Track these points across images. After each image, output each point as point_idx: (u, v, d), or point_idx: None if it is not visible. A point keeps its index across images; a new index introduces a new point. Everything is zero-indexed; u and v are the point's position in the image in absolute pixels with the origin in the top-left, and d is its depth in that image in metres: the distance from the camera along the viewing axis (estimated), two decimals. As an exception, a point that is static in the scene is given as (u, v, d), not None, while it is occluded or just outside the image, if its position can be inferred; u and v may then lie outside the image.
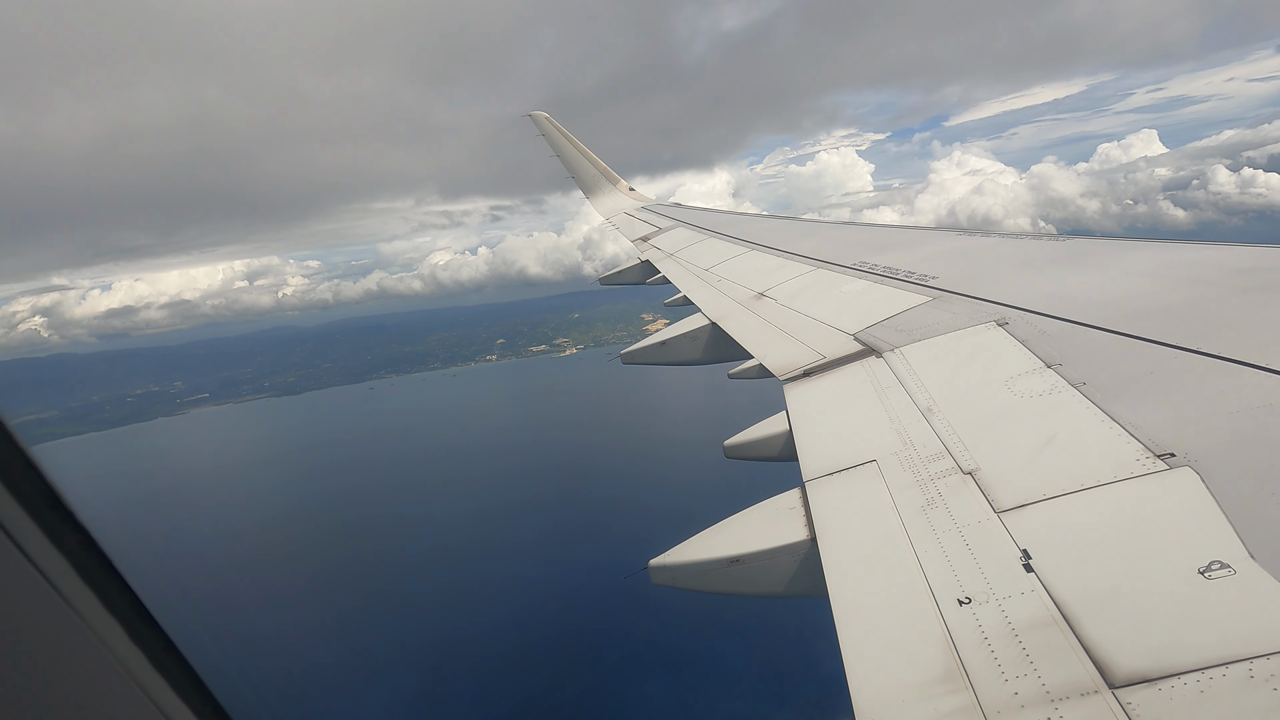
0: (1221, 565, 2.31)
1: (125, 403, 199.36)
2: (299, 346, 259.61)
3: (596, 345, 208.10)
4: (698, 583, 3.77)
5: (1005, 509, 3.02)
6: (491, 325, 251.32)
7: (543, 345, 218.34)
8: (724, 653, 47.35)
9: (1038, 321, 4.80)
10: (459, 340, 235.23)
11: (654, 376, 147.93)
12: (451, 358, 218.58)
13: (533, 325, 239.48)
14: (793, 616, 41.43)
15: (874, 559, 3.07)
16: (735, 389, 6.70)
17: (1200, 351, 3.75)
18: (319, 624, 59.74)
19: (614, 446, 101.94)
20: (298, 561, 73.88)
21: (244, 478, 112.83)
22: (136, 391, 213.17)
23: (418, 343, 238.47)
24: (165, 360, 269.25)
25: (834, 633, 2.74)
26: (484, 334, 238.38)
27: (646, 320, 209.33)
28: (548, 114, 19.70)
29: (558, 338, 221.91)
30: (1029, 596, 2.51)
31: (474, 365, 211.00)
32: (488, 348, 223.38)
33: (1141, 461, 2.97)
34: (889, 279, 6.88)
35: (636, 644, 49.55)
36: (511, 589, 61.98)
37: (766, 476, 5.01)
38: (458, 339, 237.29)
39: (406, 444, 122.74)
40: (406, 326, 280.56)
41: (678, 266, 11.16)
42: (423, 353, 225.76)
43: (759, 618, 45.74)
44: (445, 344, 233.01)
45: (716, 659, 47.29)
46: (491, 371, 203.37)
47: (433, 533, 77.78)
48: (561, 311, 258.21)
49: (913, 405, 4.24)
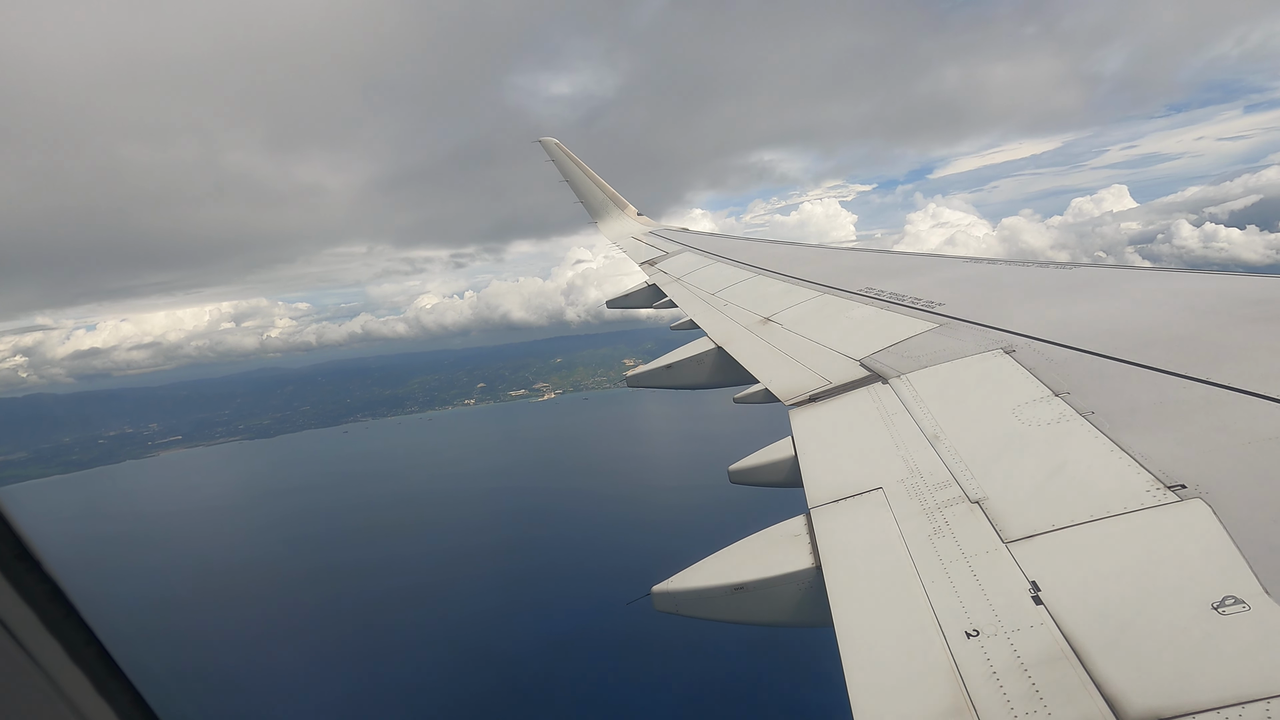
0: (1236, 601, 2.26)
1: (97, 444, 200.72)
2: (280, 389, 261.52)
3: (575, 390, 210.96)
4: (701, 610, 3.71)
5: (1014, 539, 2.97)
6: (474, 369, 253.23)
7: (522, 390, 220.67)
8: (727, 682, 46.66)
9: (1045, 349, 4.77)
10: (440, 384, 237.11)
11: (637, 416, 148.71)
12: (430, 401, 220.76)
13: (514, 369, 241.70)
14: (797, 646, 40.84)
15: (880, 588, 3.02)
16: (740, 414, 6.67)
17: (1210, 382, 3.71)
18: (279, 665, 59.60)
19: (606, 483, 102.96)
20: (251, 608, 73.78)
21: (200, 522, 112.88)
22: (110, 433, 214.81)
23: (399, 386, 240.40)
24: (144, 401, 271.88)
25: (839, 662, 2.69)
26: (465, 378, 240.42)
27: (628, 365, 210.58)
28: (557, 140, 19.94)
29: (537, 382, 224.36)
30: (1038, 630, 2.46)
31: (451, 409, 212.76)
32: (467, 391, 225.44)
33: (1152, 493, 2.93)
34: (896, 305, 6.87)
35: (638, 673, 48.90)
36: (492, 624, 62.05)
37: (771, 502, 4.97)
38: (439, 383, 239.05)
39: (370, 489, 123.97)
40: (390, 369, 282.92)
41: (684, 290, 11.19)
42: (402, 396, 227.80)
43: (763, 647, 45.17)
44: (426, 387, 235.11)
45: (719, 688, 46.59)
46: (467, 416, 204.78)
47: (392, 575, 78.25)
48: (544, 356, 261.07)
49: (919, 432, 4.20)
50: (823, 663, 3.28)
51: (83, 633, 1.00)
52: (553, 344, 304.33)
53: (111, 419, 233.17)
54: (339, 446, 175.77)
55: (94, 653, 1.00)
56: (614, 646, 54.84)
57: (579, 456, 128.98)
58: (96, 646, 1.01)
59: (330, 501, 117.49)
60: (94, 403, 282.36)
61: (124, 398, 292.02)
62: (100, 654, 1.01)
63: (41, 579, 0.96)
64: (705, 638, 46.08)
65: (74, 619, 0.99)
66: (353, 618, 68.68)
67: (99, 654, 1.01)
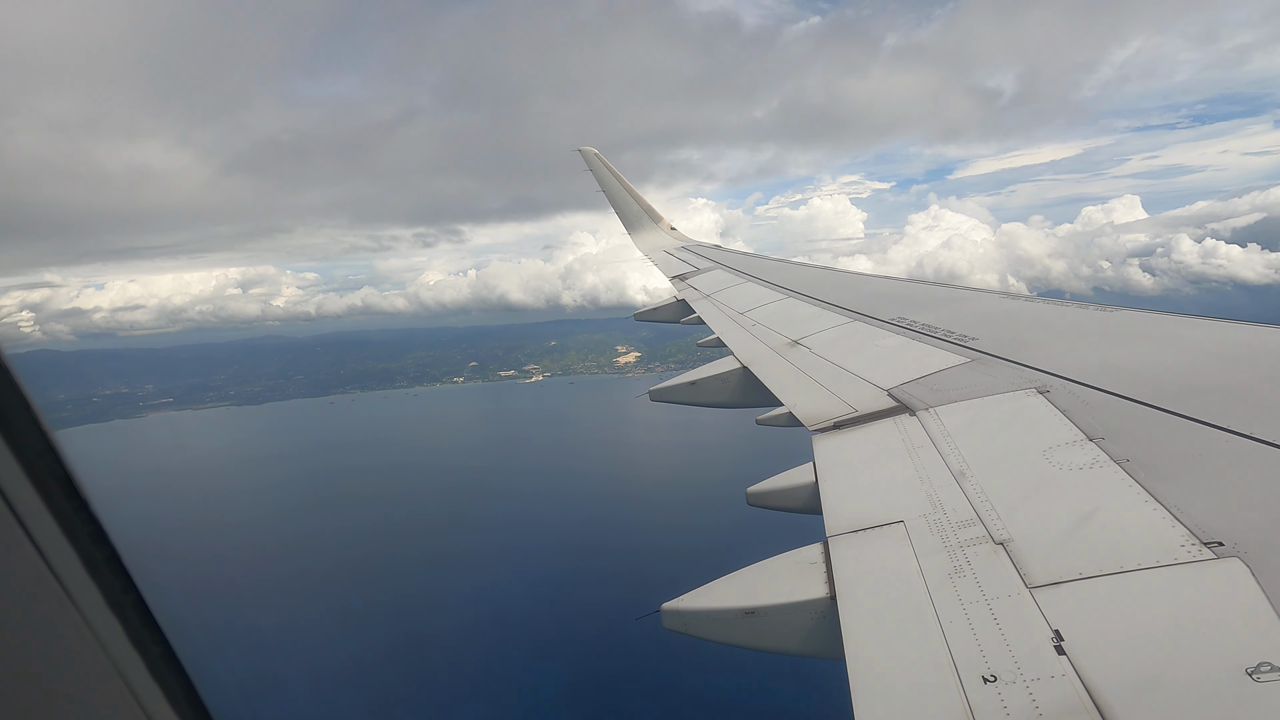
0: (1272, 668, 2.16)
1: (90, 402, 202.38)
2: (279, 357, 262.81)
3: (564, 374, 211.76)
4: (711, 632, 3.66)
5: (1038, 585, 2.89)
6: (470, 347, 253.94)
7: (512, 370, 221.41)
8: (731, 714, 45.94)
9: (1080, 392, 4.66)
10: (434, 360, 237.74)
11: (614, 405, 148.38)
12: (420, 377, 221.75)
13: (508, 350, 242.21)
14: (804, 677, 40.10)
15: (896, 624, 2.95)
16: (762, 435, 6.61)
17: (1253, 437, 3.59)
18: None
19: (564, 466, 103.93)
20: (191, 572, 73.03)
21: (165, 485, 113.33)
22: (105, 392, 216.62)
23: (394, 360, 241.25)
24: (144, 363, 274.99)
25: (848, 698, 2.62)
26: (459, 355, 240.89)
27: (620, 352, 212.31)
28: (596, 150, 20.11)
29: (528, 364, 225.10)
30: (1059, 680, 2.38)
31: (439, 386, 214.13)
32: (459, 369, 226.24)
33: (1187, 548, 2.82)
34: (927, 337, 6.78)
35: (641, 689, 48.43)
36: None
37: (787, 527, 4.90)
38: (433, 359, 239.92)
39: (330, 460, 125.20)
40: (389, 343, 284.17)
41: (713, 308, 11.17)
42: (395, 370, 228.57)
43: (771, 676, 44.48)
44: (420, 363, 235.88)
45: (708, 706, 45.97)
46: (452, 393, 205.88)
47: (342, 549, 78.99)
48: (540, 338, 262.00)
49: (945, 467, 4.12)
50: (831, 697, 3.20)
51: (130, 594, 1.02)
52: (551, 327, 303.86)
53: (109, 378, 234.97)
54: (317, 418, 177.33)
55: (131, 599, 1.02)
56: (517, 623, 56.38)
57: (542, 439, 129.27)
58: (139, 602, 1.03)
59: (286, 473, 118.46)
60: (94, 361, 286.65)
61: (125, 358, 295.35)
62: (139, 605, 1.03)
63: (95, 534, 0.98)
64: (692, 651, 45.68)
65: (122, 576, 1.01)
66: (290, 588, 69.23)
67: (135, 601, 1.03)
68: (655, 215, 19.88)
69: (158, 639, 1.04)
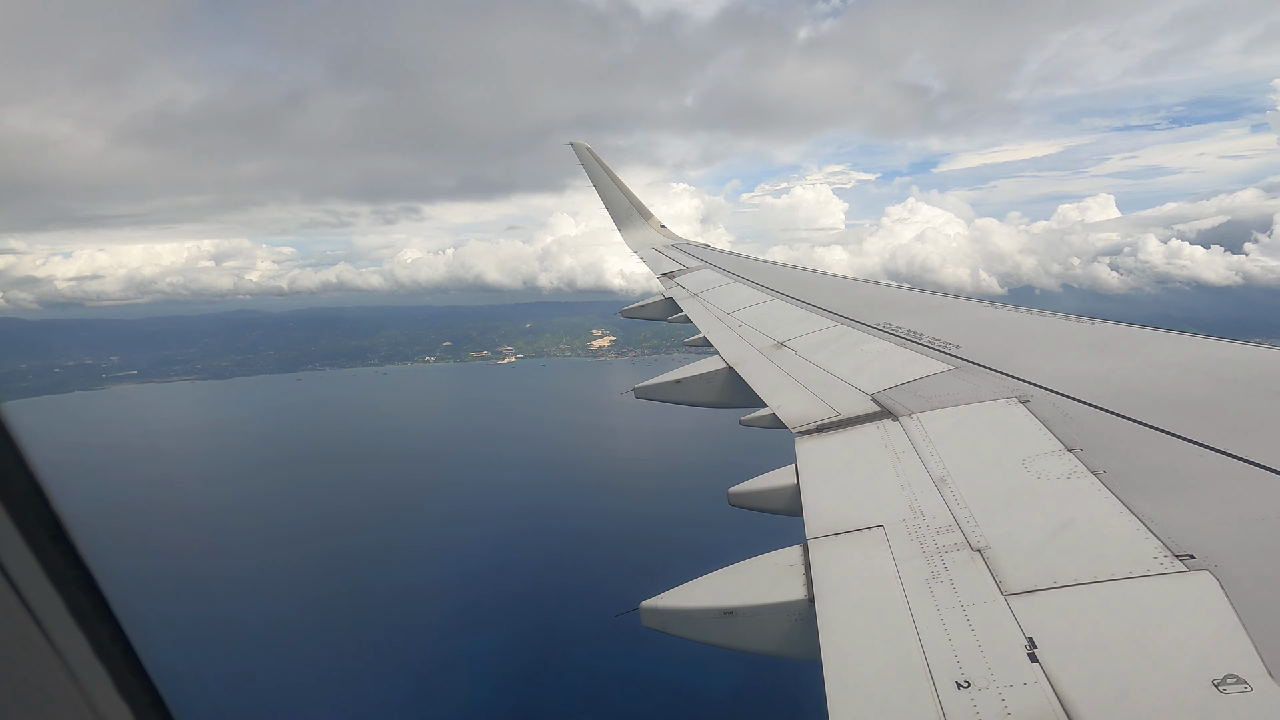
0: (1237, 680, 2.20)
1: (52, 373, 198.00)
2: (250, 331, 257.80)
3: (538, 356, 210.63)
4: (689, 631, 3.67)
5: (1013, 592, 2.92)
6: (444, 326, 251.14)
7: (485, 351, 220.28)
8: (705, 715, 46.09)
9: (1060, 402, 4.71)
10: (408, 339, 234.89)
11: (583, 389, 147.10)
12: (392, 355, 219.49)
13: (483, 330, 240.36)
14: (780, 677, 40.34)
15: (872, 628, 2.98)
16: (746, 436, 6.62)
17: (1226, 452, 3.65)
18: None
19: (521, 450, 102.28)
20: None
21: (117, 462, 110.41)
22: (69, 363, 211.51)
23: (368, 337, 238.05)
24: (111, 334, 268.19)
25: (823, 700, 2.64)
26: (434, 335, 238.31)
27: (595, 336, 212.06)
28: (589, 145, 20.05)
29: (502, 345, 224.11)
30: (1031, 688, 2.41)
31: (409, 365, 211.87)
32: (431, 349, 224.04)
33: (1159, 560, 2.87)
34: (912, 343, 6.82)
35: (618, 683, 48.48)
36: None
37: (767, 528, 4.91)
38: (407, 338, 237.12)
39: (286, 440, 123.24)
40: (364, 320, 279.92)
41: (700, 307, 11.17)
42: (367, 348, 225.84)
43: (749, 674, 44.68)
44: (393, 341, 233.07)
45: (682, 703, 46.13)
46: (422, 372, 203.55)
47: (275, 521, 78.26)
48: (516, 320, 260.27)
49: (926, 474, 4.15)
50: (806, 696, 3.21)
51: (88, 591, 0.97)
52: (527, 309, 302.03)
53: (74, 349, 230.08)
54: (281, 394, 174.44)
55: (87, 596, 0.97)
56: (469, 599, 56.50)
57: (498, 420, 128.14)
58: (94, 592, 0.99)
59: (240, 451, 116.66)
60: (59, 331, 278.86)
61: (92, 328, 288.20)
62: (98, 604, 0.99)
63: (54, 535, 0.93)
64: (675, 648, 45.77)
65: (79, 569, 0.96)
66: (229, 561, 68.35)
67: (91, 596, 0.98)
68: (645, 212, 19.86)
69: (112, 629, 0.98)
